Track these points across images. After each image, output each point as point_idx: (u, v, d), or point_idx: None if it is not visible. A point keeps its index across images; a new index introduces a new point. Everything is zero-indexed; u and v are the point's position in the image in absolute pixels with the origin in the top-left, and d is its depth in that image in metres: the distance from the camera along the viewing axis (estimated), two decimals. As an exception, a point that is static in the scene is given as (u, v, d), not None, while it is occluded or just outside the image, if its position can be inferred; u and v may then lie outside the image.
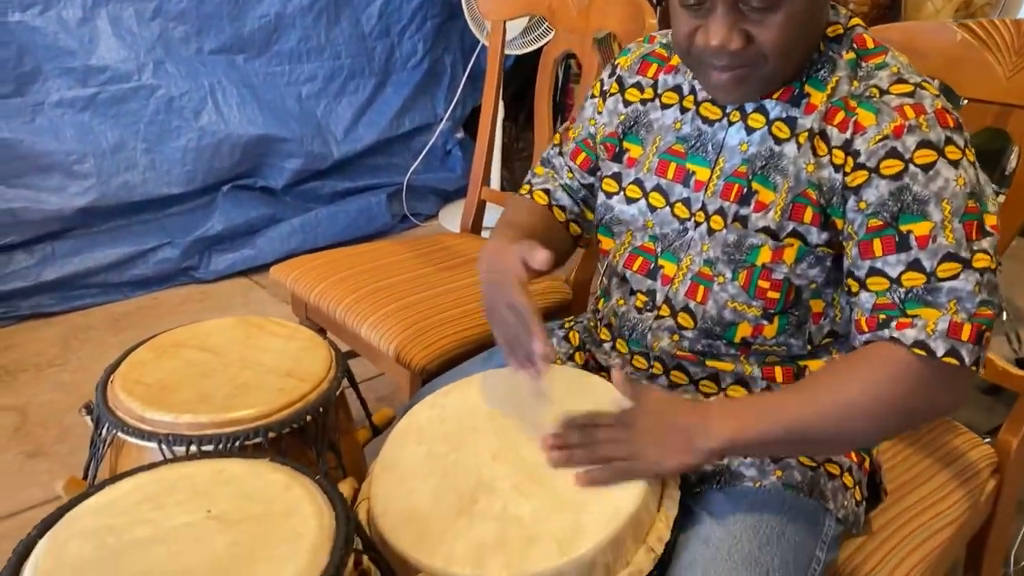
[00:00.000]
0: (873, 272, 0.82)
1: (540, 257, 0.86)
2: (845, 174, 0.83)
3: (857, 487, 0.94)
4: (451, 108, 2.92)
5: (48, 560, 0.70)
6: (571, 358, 1.08)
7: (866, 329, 0.82)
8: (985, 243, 0.80)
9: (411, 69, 2.86)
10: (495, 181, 2.81)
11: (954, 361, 0.77)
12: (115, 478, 0.81)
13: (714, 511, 0.87)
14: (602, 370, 1.05)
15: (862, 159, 0.81)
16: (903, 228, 0.79)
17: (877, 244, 0.81)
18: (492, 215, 2.09)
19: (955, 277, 0.78)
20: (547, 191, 1.11)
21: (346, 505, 0.76)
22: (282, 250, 2.54)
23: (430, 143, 2.90)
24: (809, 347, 0.92)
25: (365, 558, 0.82)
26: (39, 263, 2.30)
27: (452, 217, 2.92)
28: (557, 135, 1.13)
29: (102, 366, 2.18)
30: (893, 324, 0.80)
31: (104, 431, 0.96)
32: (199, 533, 0.72)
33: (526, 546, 0.78)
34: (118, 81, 2.32)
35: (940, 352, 0.77)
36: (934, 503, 1.05)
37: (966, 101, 1.25)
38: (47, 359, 2.14)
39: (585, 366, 1.07)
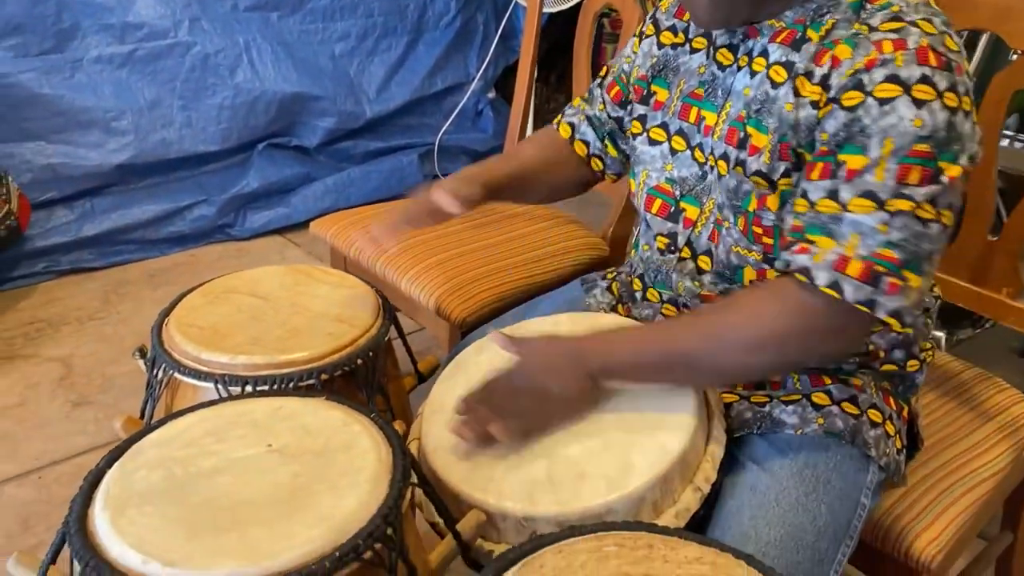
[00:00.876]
0: (801, 193, 0.81)
1: (445, 203, 0.96)
2: (819, 108, 0.82)
3: (898, 435, 0.94)
4: (483, 68, 2.91)
5: (118, 487, 0.73)
6: (613, 309, 1.10)
7: (781, 249, 0.83)
8: (924, 190, 0.75)
9: (443, 28, 2.84)
10: (527, 142, 2.81)
11: (834, 294, 0.75)
12: (176, 414, 0.84)
13: (759, 459, 0.88)
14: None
15: (832, 92, 0.80)
16: (841, 157, 0.78)
17: (817, 168, 0.80)
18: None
19: (864, 212, 0.76)
20: (572, 125, 1.13)
21: (402, 441, 0.78)
22: (316, 209, 2.56)
23: (462, 103, 2.89)
24: None
25: (419, 492, 0.84)
26: (79, 219, 2.33)
27: (483, 178, 2.92)
28: (604, 68, 1.14)
29: (142, 320, 2.23)
30: (795, 247, 0.79)
31: (160, 372, 0.98)
32: (262, 465, 0.74)
33: (576, 483, 0.80)
34: (155, 38, 2.33)
35: (820, 282, 0.76)
36: (975, 457, 1.05)
37: (1016, 54, 1.22)
38: (88, 313, 2.19)
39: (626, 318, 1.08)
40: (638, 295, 1.06)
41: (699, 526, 0.84)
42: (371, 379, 0.98)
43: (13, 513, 1.53)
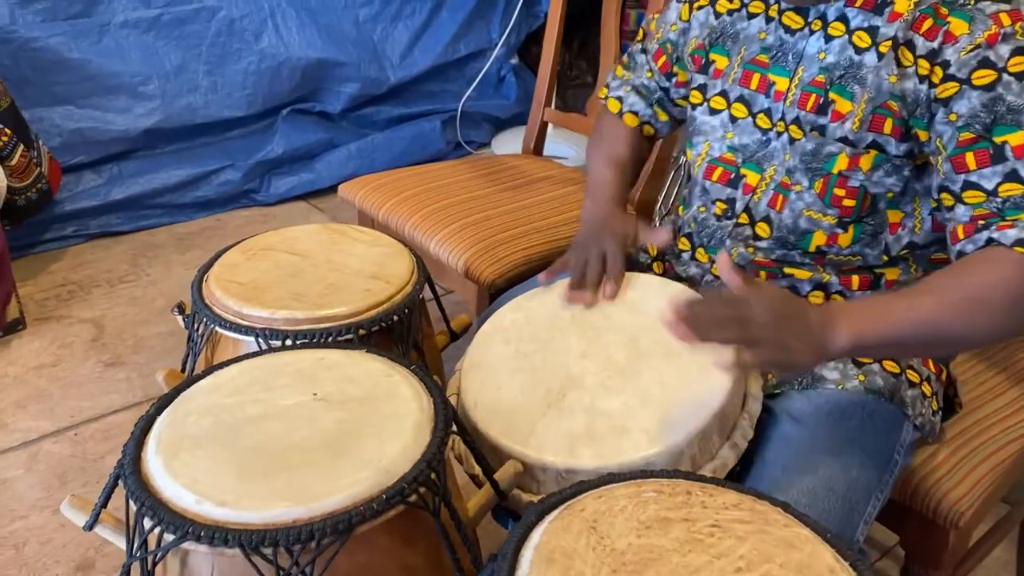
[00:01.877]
0: (968, 186, 0.80)
1: (661, 239, 0.99)
2: (932, 85, 0.82)
3: (935, 397, 0.95)
4: (506, 34, 2.89)
5: (169, 433, 0.75)
6: (649, 268, 1.11)
7: (962, 236, 0.81)
8: None
9: (467, -8, 2.83)
10: (550, 108, 2.80)
11: None
12: (221, 364, 0.86)
13: (794, 412, 0.89)
14: (680, 281, 1.07)
15: (952, 70, 0.80)
16: (997, 139, 0.78)
17: (970, 157, 0.80)
18: (552, 145, 2.08)
19: None
20: (620, 99, 1.15)
21: (442, 391, 0.80)
22: (340, 174, 2.57)
23: (484, 69, 2.88)
24: (885, 258, 0.93)
25: (459, 446, 0.86)
26: (107, 183, 2.36)
27: (505, 145, 2.92)
28: (641, 30, 1.14)
29: (171, 282, 2.26)
30: (993, 227, 0.78)
31: (202, 327, 1.00)
32: (309, 412, 0.77)
33: (616, 437, 0.81)
34: (181, 3, 2.34)
35: None
36: (1006, 416, 1.06)
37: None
38: (118, 275, 2.22)
39: (663, 275, 1.09)
40: (685, 254, 1.07)
41: (734, 480, 0.86)
42: (407, 335, 0.99)
43: (51, 468, 1.57)
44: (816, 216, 0.91)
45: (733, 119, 0.98)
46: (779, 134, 0.93)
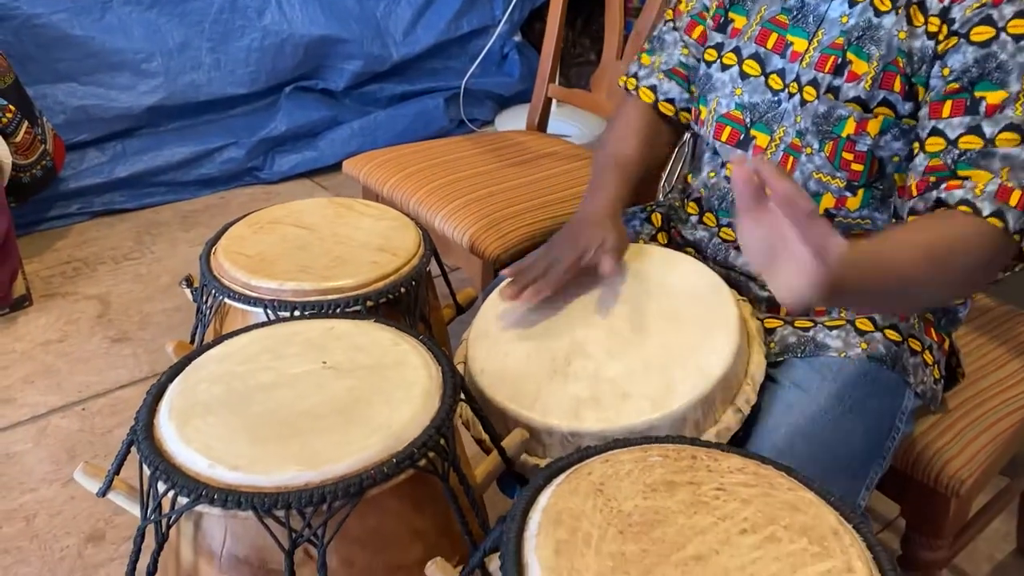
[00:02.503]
0: (934, 132, 0.82)
1: (605, 269, 0.92)
2: (938, 42, 0.83)
3: (936, 366, 0.96)
4: (509, 10, 2.88)
5: (181, 399, 0.76)
6: (653, 239, 1.11)
7: (914, 193, 0.82)
8: None
9: (470, -31, 2.81)
10: (553, 86, 2.78)
11: (998, 223, 0.77)
12: (231, 334, 0.87)
13: (798, 380, 0.90)
14: (688, 246, 1.08)
15: (956, 26, 0.81)
16: (977, 94, 0.79)
17: (947, 106, 0.81)
18: (555, 123, 2.08)
19: (1012, 146, 0.78)
20: (653, 87, 1.11)
21: (450, 359, 0.81)
22: (343, 152, 2.56)
23: (487, 46, 2.87)
24: (894, 221, 0.93)
25: (467, 412, 0.87)
26: (111, 160, 2.36)
27: (508, 123, 2.92)
28: (670, 11, 1.13)
29: (175, 260, 2.27)
30: (942, 186, 0.80)
31: (210, 299, 1.01)
32: (319, 379, 0.77)
33: (619, 402, 0.82)
34: (182, -22, 2.33)
35: (986, 212, 0.77)
36: (1007, 388, 1.07)
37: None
38: (122, 252, 2.23)
39: (668, 245, 1.10)
40: (693, 218, 1.08)
41: (737, 446, 0.87)
42: (414, 307, 1.00)
43: (59, 442, 1.59)
44: (825, 179, 0.92)
45: (744, 76, 0.98)
46: (791, 95, 0.93)
